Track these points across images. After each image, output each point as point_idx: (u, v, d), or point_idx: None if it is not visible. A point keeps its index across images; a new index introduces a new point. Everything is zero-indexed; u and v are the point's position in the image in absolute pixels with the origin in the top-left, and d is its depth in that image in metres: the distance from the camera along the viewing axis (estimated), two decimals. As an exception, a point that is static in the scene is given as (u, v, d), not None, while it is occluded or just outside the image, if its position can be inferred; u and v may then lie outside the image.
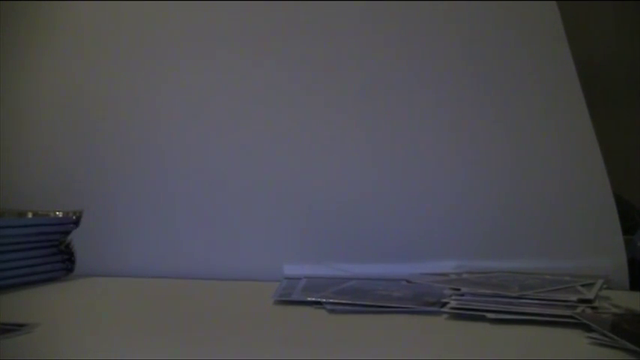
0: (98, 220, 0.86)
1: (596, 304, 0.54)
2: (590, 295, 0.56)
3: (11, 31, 1.00)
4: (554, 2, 0.76)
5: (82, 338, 0.51)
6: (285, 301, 0.62)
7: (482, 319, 0.52)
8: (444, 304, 0.57)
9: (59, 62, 0.97)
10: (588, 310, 0.53)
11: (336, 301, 0.60)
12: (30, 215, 0.80)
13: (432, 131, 0.80)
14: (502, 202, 0.77)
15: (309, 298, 0.61)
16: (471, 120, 0.79)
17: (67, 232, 0.81)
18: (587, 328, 0.49)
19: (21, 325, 0.52)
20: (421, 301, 0.59)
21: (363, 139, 0.82)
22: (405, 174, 0.80)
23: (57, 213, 0.81)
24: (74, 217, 0.81)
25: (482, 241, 0.76)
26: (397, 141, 0.81)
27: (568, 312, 0.52)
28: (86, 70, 0.95)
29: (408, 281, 0.71)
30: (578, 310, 0.53)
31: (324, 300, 0.60)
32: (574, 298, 0.56)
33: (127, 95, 0.92)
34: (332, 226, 0.81)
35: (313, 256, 0.80)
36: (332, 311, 0.58)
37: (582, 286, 0.61)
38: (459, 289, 0.60)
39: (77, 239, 0.81)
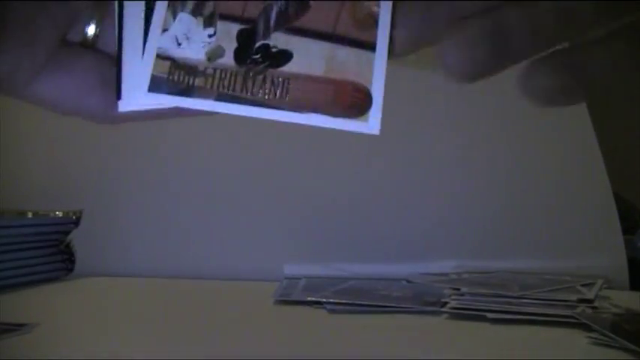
0: (98, 220, 0.86)
1: (596, 303, 0.54)
2: (590, 295, 0.56)
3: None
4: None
5: (82, 338, 0.51)
6: (285, 301, 0.62)
7: (483, 319, 0.52)
8: (444, 304, 0.57)
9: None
10: (588, 310, 0.53)
11: (336, 301, 0.60)
12: (30, 215, 0.80)
13: (432, 130, 0.80)
14: (502, 202, 0.77)
15: (309, 298, 0.61)
16: (470, 119, 0.79)
17: (67, 232, 0.81)
18: (587, 327, 0.49)
19: (21, 325, 0.52)
20: (421, 301, 0.59)
21: (363, 139, 0.82)
22: (404, 174, 0.80)
23: (57, 213, 0.81)
24: (74, 217, 0.81)
25: (482, 241, 0.76)
26: (397, 141, 0.81)
27: (568, 312, 0.52)
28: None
29: (408, 281, 0.71)
30: (578, 309, 0.53)
31: (324, 300, 0.60)
32: (574, 297, 0.55)
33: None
34: (332, 226, 0.81)
35: (313, 256, 0.80)
36: (332, 311, 0.58)
37: (582, 286, 0.61)
38: (458, 289, 0.60)
39: (77, 239, 0.81)
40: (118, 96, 0.26)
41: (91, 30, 0.27)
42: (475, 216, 0.77)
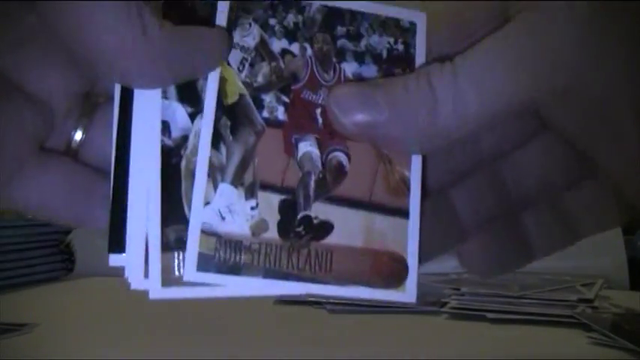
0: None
1: (596, 303, 0.54)
2: (590, 295, 0.56)
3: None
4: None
5: (81, 338, 0.51)
6: (285, 301, 0.62)
7: (483, 318, 0.52)
8: (444, 304, 0.57)
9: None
10: (588, 310, 0.53)
11: (336, 301, 0.60)
12: (30, 215, 0.80)
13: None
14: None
15: (309, 298, 0.61)
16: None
17: (67, 232, 0.81)
18: (587, 327, 0.49)
19: (21, 325, 0.52)
20: (421, 301, 0.59)
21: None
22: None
23: (57, 213, 0.81)
24: (74, 217, 0.81)
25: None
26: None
27: (568, 312, 0.52)
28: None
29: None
30: (578, 309, 0.53)
31: (324, 300, 0.60)
32: (574, 297, 0.56)
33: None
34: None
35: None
36: (332, 311, 0.58)
37: (582, 285, 0.61)
38: (458, 289, 0.60)
39: (77, 239, 0.81)
40: (115, 248, 0.24)
41: (77, 136, 0.25)
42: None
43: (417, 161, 0.25)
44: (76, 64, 0.24)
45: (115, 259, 0.24)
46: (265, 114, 0.24)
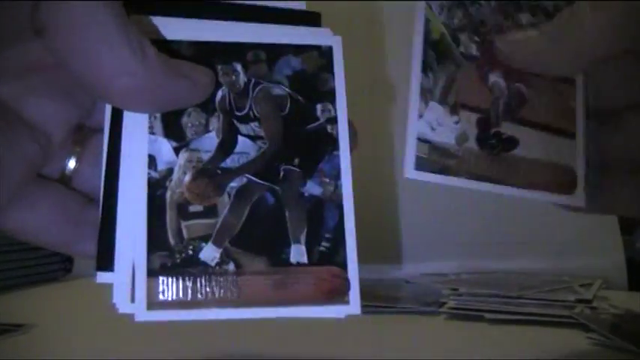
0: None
1: (594, 304, 0.54)
2: (588, 295, 0.56)
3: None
4: None
5: (80, 339, 0.51)
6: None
7: (481, 319, 0.52)
8: (442, 304, 0.57)
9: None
10: (587, 310, 0.53)
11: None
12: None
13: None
14: (502, 201, 0.77)
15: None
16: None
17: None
18: (585, 328, 0.49)
19: (19, 326, 0.52)
20: (420, 301, 0.59)
21: (368, 141, 0.82)
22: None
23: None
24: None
25: (482, 241, 0.76)
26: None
27: (567, 312, 0.52)
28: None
29: (407, 281, 0.71)
30: (577, 310, 0.53)
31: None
32: (572, 298, 0.55)
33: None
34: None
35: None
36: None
37: (581, 286, 0.61)
38: (457, 289, 0.60)
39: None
40: (102, 266, 0.26)
41: (71, 164, 0.26)
42: (475, 216, 0.77)
43: (579, 91, 0.32)
44: (74, 94, 0.25)
45: (102, 277, 0.26)
46: (462, 49, 0.31)
